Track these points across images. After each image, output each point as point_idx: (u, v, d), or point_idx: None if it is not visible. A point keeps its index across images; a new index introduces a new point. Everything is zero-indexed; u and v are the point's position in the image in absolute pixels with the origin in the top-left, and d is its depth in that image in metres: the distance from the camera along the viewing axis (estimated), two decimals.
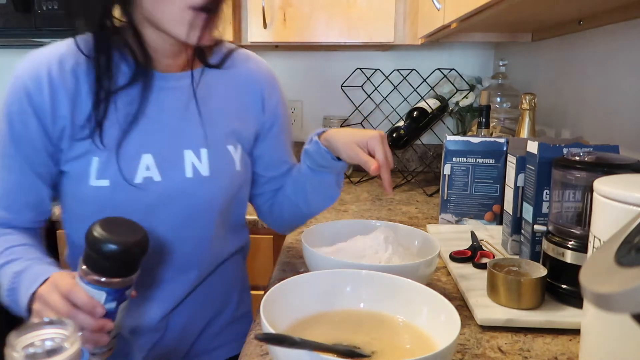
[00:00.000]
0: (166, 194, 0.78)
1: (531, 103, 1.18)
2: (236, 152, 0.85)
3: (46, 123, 0.74)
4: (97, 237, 0.60)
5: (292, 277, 0.66)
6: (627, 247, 0.37)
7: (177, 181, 0.79)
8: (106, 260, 0.61)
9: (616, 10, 1.07)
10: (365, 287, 0.68)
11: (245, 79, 0.88)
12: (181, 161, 0.79)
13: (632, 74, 1.05)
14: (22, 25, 1.68)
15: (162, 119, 0.79)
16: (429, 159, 1.96)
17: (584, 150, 0.81)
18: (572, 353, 0.67)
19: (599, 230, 0.56)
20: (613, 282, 0.32)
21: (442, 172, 1.20)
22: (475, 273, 0.90)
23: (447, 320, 0.59)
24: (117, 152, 0.75)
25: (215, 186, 0.82)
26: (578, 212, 0.77)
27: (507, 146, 1.15)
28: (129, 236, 0.62)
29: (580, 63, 1.29)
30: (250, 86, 0.89)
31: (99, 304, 0.62)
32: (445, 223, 1.21)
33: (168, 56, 0.79)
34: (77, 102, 0.75)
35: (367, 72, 1.88)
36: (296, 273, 0.95)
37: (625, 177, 0.59)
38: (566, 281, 0.76)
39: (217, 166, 0.82)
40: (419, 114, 1.65)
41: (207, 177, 0.81)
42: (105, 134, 0.75)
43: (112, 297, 0.63)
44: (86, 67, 0.75)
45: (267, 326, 0.54)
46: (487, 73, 2.02)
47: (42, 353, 0.34)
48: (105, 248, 0.60)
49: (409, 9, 1.66)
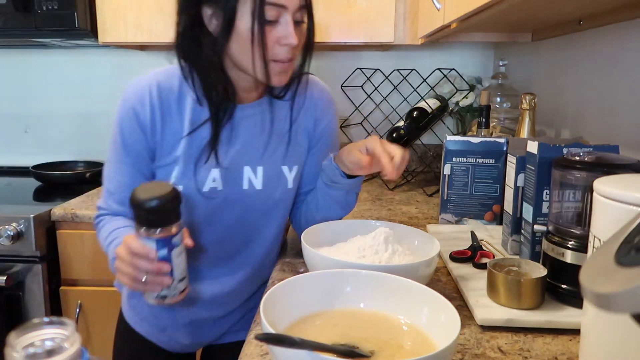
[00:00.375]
0: (226, 201, 0.94)
1: (531, 103, 1.18)
2: (290, 173, 0.98)
3: (147, 136, 0.91)
4: (138, 198, 0.74)
5: (292, 277, 0.66)
6: (627, 247, 0.37)
7: (234, 191, 0.94)
8: (149, 214, 0.74)
9: (616, 10, 1.07)
10: (365, 287, 0.68)
11: (306, 103, 1.00)
12: (240, 175, 0.94)
13: (632, 74, 1.05)
14: (22, 25, 1.69)
15: (231, 141, 0.94)
16: (429, 159, 1.96)
17: (584, 150, 0.81)
18: (572, 353, 0.67)
19: (599, 230, 0.56)
20: (613, 282, 0.32)
21: (442, 172, 1.20)
22: (475, 273, 0.90)
23: (447, 320, 0.59)
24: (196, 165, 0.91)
25: (265, 198, 0.96)
26: (578, 212, 0.77)
27: (507, 146, 1.15)
28: (162, 193, 0.75)
29: (581, 63, 1.29)
30: (309, 110, 1.01)
31: (151, 249, 0.74)
32: (445, 223, 1.21)
33: (244, 91, 0.94)
34: (168, 121, 0.91)
35: (367, 72, 1.88)
36: (296, 273, 0.95)
37: (625, 177, 0.59)
38: (566, 281, 0.76)
39: (269, 182, 0.96)
40: (419, 114, 1.65)
41: (259, 190, 0.95)
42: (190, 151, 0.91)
43: (161, 244, 0.75)
44: (178, 93, 0.92)
45: (267, 326, 0.54)
46: (487, 73, 2.02)
47: (42, 353, 0.34)
48: (145, 205, 0.73)
49: (409, 9, 1.66)
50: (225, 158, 0.92)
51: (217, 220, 0.95)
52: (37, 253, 1.50)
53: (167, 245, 0.75)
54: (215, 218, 0.94)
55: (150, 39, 1.72)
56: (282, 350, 0.51)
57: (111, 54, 2.13)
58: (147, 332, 1.05)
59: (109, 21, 1.72)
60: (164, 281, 0.77)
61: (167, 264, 0.76)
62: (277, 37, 0.84)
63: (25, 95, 2.19)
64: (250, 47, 0.83)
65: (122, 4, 1.70)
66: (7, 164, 2.21)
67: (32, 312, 1.54)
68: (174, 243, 0.76)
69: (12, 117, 2.21)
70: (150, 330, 1.04)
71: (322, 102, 1.02)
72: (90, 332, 1.60)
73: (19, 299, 1.53)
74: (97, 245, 1.54)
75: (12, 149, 2.23)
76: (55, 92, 2.18)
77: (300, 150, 1.00)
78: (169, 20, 1.77)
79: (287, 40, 0.84)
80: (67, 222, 1.54)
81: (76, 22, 1.67)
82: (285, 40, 0.84)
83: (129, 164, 0.92)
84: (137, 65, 2.14)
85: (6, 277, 1.46)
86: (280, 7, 0.83)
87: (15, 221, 1.47)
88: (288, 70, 0.89)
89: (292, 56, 0.87)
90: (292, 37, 0.84)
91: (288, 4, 0.83)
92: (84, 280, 1.58)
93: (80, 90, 2.17)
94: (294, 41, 0.84)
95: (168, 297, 0.79)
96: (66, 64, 2.16)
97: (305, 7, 0.87)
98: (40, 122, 2.20)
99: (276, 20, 0.83)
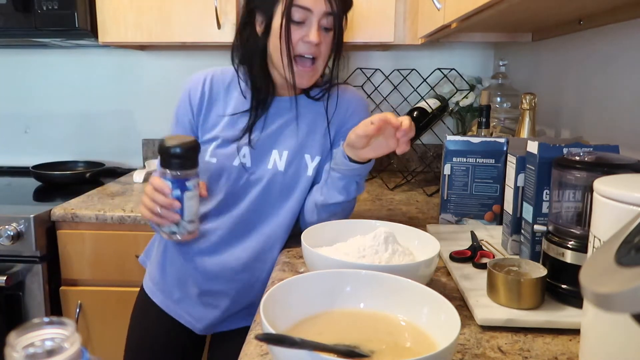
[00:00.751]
0: (251, 177, 1.07)
1: (531, 103, 1.18)
2: (312, 162, 1.09)
3: (194, 114, 1.09)
4: (162, 144, 0.90)
5: (292, 277, 0.66)
6: (627, 247, 0.37)
7: (260, 169, 1.07)
8: (169, 157, 0.89)
9: (616, 10, 1.07)
10: (365, 287, 0.68)
11: (337, 105, 1.11)
12: (267, 156, 1.07)
13: (633, 74, 1.05)
14: (22, 25, 1.68)
15: (265, 127, 1.08)
16: (429, 159, 1.96)
17: (584, 150, 0.81)
18: (572, 353, 0.67)
19: (599, 230, 0.56)
20: (613, 282, 0.32)
21: (442, 172, 1.20)
22: (475, 273, 0.90)
23: (447, 320, 0.59)
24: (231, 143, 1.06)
25: (285, 179, 1.07)
26: (578, 212, 0.77)
27: (507, 146, 1.15)
28: (183, 142, 0.90)
29: (581, 63, 1.29)
30: (340, 110, 1.11)
31: (167, 186, 0.90)
32: (445, 223, 1.21)
33: (282, 87, 1.08)
34: (214, 106, 1.08)
35: (367, 72, 1.88)
36: (296, 273, 0.95)
37: (625, 177, 0.59)
38: (566, 281, 0.76)
39: (291, 166, 1.07)
40: (419, 114, 1.65)
41: (281, 172, 1.07)
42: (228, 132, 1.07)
43: (175, 185, 0.90)
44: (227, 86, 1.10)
45: (267, 326, 0.54)
46: (487, 73, 2.02)
47: (42, 353, 0.34)
48: (167, 149, 0.89)
49: (409, 9, 1.66)
50: (257, 140, 1.06)
51: (241, 193, 1.07)
52: (37, 253, 1.50)
53: (181, 186, 0.90)
54: (240, 192, 1.07)
55: (150, 39, 1.72)
56: (282, 350, 0.51)
57: (111, 54, 2.13)
58: (162, 302, 1.14)
59: (109, 21, 1.72)
60: (174, 217, 0.91)
61: (177, 202, 0.90)
62: (302, 35, 0.98)
63: (25, 95, 2.19)
64: (279, 43, 0.98)
65: (122, 4, 1.70)
66: (7, 164, 2.21)
67: (32, 312, 1.54)
68: (187, 186, 0.91)
69: (12, 117, 2.21)
70: (165, 301, 1.13)
71: (353, 104, 1.13)
72: (90, 332, 1.60)
73: (19, 299, 1.53)
74: (97, 244, 1.55)
75: (12, 149, 2.23)
76: (55, 92, 2.18)
77: (325, 143, 1.10)
78: (169, 20, 1.80)
79: (308, 38, 0.97)
80: (67, 222, 1.54)
81: (76, 22, 1.67)
82: (307, 37, 0.98)
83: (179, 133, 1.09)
84: (137, 65, 2.14)
85: (6, 277, 1.46)
86: (306, 10, 0.97)
87: (15, 221, 1.47)
88: (310, 73, 1.02)
89: (314, 55, 1.00)
90: (313, 35, 0.97)
91: (313, 8, 0.97)
92: (84, 280, 1.58)
93: (80, 90, 2.17)
94: (314, 39, 0.97)
95: (177, 234, 0.94)
96: (66, 64, 2.16)
97: (332, 15, 0.99)
98: (40, 122, 2.20)
99: (303, 21, 0.98)
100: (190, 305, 1.12)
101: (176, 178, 0.90)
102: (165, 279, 1.13)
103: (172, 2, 1.70)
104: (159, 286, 1.15)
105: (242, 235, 1.09)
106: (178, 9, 1.70)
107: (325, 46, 1.01)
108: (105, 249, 1.55)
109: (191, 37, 1.72)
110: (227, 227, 1.08)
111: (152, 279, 1.17)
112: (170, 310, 1.13)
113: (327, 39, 1.01)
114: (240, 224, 1.08)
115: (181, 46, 1.95)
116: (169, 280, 1.13)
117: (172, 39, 1.72)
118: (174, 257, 1.12)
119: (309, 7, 0.96)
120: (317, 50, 1.00)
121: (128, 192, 1.74)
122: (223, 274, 1.09)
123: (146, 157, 2.18)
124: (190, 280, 1.10)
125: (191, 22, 1.71)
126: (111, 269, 1.56)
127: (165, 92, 2.14)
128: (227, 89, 1.09)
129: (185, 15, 1.70)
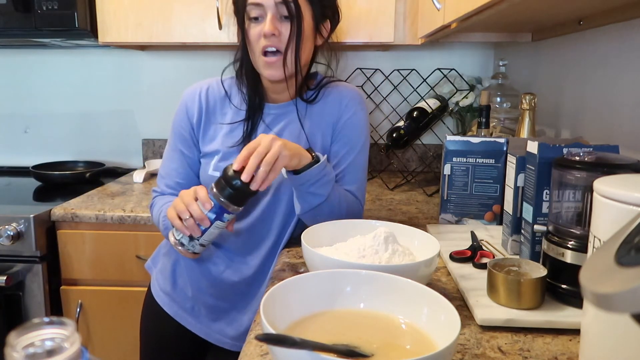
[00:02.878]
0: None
1: (531, 103, 1.18)
2: None
3: (192, 126, 1.09)
4: (229, 172, 0.89)
5: (292, 277, 0.66)
6: (627, 247, 0.37)
7: None
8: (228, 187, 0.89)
9: (616, 10, 1.07)
10: (365, 287, 0.68)
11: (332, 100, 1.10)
12: None
13: (632, 74, 1.05)
14: (22, 25, 1.68)
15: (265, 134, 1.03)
16: (429, 159, 1.96)
17: (584, 150, 0.81)
18: (572, 353, 0.67)
19: (599, 230, 0.56)
20: (613, 282, 0.32)
21: (442, 172, 1.20)
22: (475, 273, 0.90)
23: (447, 320, 0.59)
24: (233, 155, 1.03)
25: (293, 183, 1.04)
26: (578, 212, 0.77)
27: (507, 146, 1.15)
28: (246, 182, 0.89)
29: (580, 63, 1.29)
30: (335, 105, 1.10)
31: (210, 204, 0.90)
32: (445, 223, 1.21)
33: (274, 92, 1.09)
34: (212, 118, 1.09)
35: (367, 72, 1.88)
36: (296, 273, 0.95)
37: (625, 177, 0.59)
38: (566, 281, 0.76)
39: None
40: (419, 114, 1.65)
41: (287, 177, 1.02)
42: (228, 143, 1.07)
43: (215, 209, 0.91)
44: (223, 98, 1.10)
45: (267, 326, 0.54)
46: (487, 73, 2.02)
47: (42, 353, 0.34)
48: (230, 179, 0.89)
49: (409, 9, 1.66)
50: None
51: (250, 204, 1.06)
52: (37, 253, 1.50)
53: (219, 213, 0.91)
54: (251, 202, 1.04)
55: (150, 39, 1.72)
56: (282, 351, 0.51)
57: (111, 54, 2.13)
58: (175, 314, 1.13)
59: (109, 21, 1.72)
60: (195, 232, 0.91)
61: (207, 221, 0.91)
62: (260, 30, 0.98)
63: (25, 95, 2.19)
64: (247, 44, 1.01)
65: (122, 4, 1.70)
66: (7, 164, 2.21)
67: (32, 312, 1.54)
68: (224, 217, 0.92)
69: (12, 117, 2.21)
70: (179, 311, 1.13)
71: (347, 98, 1.11)
72: (91, 332, 1.60)
73: (19, 299, 1.53)
74: (97, 244, 1.55)
75: (12, 149, 2.23)
76: (55, 92, 2.18)
77: (325, 144, 1.10)
78: (169, 21, 1.80)
79: (264, 30, 0.97)
80: (67, 222, 1.54)
81: (76, 22, 1.67)
82: (263, 30, 0.97)
83: (178, 151, 1.10)
84: (137, 65, 2.14)
85: (6, 277, 1.46)
86: (258, 6, 0.97)
87: (15, 221, 1.47)
88: (278, 64, 1.00)
89: (276, 47, 0.99)
90: (267, 27, 0.97)
91: (264, 2, 0.96)
92: (85, 280, 1.58)
93: (80, 90, 2.17)
94: (267, 29, 0.96)
95: (184, 247, 0.94)
96: (66, 64, 2.16)
97: (286, 3, 0.96)
98: (40, 122, 2.20)
99: (260, 17, 0.98)
100: (203, 315, 1.12)
101: (221, 205, 0.90)
102: (176, 291, 1.13)
103: (172, 2, 1.70)
104: (170, 297, 1.14)
105: (254, 245, 1.09)
106: (178, 9, 1.70)
107: (287, 35, 0.99)
108: (105, 249, 1.55)
109: (192, 38, 1.72)
110: (238, 238, 1.08)
111: (162, 288, 1.16)
112: (185, 322, 1.13)
113: (286, 27, 0.98)
114: (251, 233, 1.08)
115: (181, 46, 1.96)
116: (181, 292, 1.13)
117: (172, 39, 1.72)
118: (184, 269, 1.12)
119: (260, 2, 0.97)
120: (278, 41, 0.99)
121: (128, 192, 1.74)
122: (235, 285, 1.09)
123: (146, 157, 2.18)
124: (202, 292, 1.11)
125: (192, 22, 1.70)
126: (111, 268, 1.56)
127: (166, 92, 2.14)
128: (223, 100, 1.10)
129: (186, 15, 1.70)
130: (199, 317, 1.12)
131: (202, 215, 0.90)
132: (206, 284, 1.10)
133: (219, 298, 1.11)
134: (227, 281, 1.09)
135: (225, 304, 1.11)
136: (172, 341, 1.15)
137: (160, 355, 1.18)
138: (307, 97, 1.10)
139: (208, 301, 1.11)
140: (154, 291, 1.17)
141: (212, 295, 1.11)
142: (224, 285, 1.10)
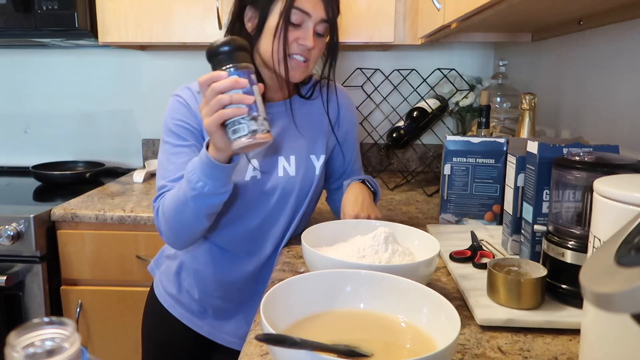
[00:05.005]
0: (265, 187, 1.06)
1: (531, 103, 1.18)
2: (318, 161, 1.11)
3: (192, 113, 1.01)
4: (216, 44, 0.82)
5: (292, 277, 0.66)
6: (627, 247, 0.37)
7: (272, 178, 1.06)
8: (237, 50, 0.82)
9: (616, 10, 1.07)
10: (365, 287, 0.68)
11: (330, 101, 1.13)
12: (275, 164, 1.07)
13: (632, 74, 1.05)
14: (22, 25, 1.68)
15: None
16: (429, 159, 1.96)
17: (584, 150, 0.81)
18: (572, 353, 0.67)
19: (599, 230, 0.56)
20: (613, 282, 0.32)
21: (442, 172, 1.20)
22: (475, 273, 0.90)
23: (447, 320, 0.59)
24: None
25: (299, 183, 1.08)
26: (578, 212, 0.77)
27: (507, 146, 1.15)
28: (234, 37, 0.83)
29: (580, 63, 1.29)
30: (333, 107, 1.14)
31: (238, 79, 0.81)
32: (445, 223, 1.21)
33: (272, 90, 1.07)
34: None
35: (367, 72, 1.88)
36: (296, 273, 0.95)
37: (625, 177, 0.59)
38: (566, 281, 0.76)
39: (301, 169, 1.09)
40: (419, 114, 1.65)
41: (294, 177, 1.08)
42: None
43: (245, 75, 0.81)
44: None
45: (267, 326, 0.54)
46: (487, 73, 2.02)
47: (42, 353, 0.34)
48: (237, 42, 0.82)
49: (409, 9, 1.66)
50: (261, 150, 1.05)
51: (258, 205, 1.06)
52: (37, 253, 1.50)
53: (249, 77, 0.82)
54: (256, 204, 1.06)
55: (150, 39, 1.72)
56: (282, 351, 0.51)
57: (111, 54, 2.13)
58: (181, 315, 1.12)
59: (109, 21, 1.72)
60: (245, 99, 0.81)
61: (244, 81, 0.81)
62: (297, 36, 0.98)
63: (25, 95, 2.19)
64: (272, 41, 0.97)
65: (122, 4, 1.70)
66: (7, 164, 2.21)
67: (32, 312, 1.54)
68: (252, 79, 0.83)
69: (12, 117, 2.21)
70: (185, 313, 1.12)
71: (344, 100, 1.17)
72: (90, 332, 1.60)
73: (19, 299, 1.53)
74: (97, 244, 1.55)
75: (12, 149, 2.22)
76: (55, 92, 2.18)
77: (325, 141, 1.12)
78: (169, 21, 1.79)
79: (304, 41, 0.98)
80: (67, 222, 1.54)
81: (76, 22, 1.67)
82: (302, 40, 0.98)
83: (182, 146, 1.02)
84: (137, 65, 2.14)
85: (6, 277, 1.46)
86: (305, 14, 0.97)
87: (15, 221, 1.47)
88: (303, 69, 1.01)
89: (306, 57, 1.00)
90: (309, 39, 0.98)
91: (312, 13, 0.97)
92: (85, 280, 1.58)
93: (80, 90, 2.17)
94: (309, 43, 0.98)
95: (258, 132, 0.82)
96: (66, 64, 2.16)
97: (327, 23, 1.00)
98: (40, 122, 2.20)
99: (300, 24, 0.98)
100: (211, 317, 1.12)
101: (244, 69, 0.82)
102: (182, 293, 1.12)
103: (172, 2, 1.70)
104: (176, 299, 1.13)
105: (260, 244, 1.09)
106: (178, 9, 1.70)
107: (317, 51, 1.02)
108: (105, 249, 1.55)
109: (192, 38, 1.72)
110: (245, 239, 1.08)
111: (166, 291, 1.14)
112: (192, 324, 1.12)
113: (320, 44, 1.02)
114: (258, 233, 1.08)
115: (181, 46, 1.95)
116: (187, 295, 1.12)
117: (172, 39, 1.72)
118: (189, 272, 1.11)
119: (308, 12, 0.97)
120: (309, 54, 1.01)
121: (128, 192, 1.74)
122: (242, 284, 1.10)
123: (146, 157, 2.18)
124: (209, 294, 1.10)
125: (192, 22, 1.70)
126: (111, 268, 1.56)
127: (166, 92, 2.11)
128: None
129: (186, 15, 1.70)
130: (206, 319, 1.12)
131: (232, 79, 0.81)
132: (212, 285, 1.09)
133: (226, 299, 1.11)
134: (233, 282, 1.09)
135: (232, 305, 1.11)
136: (176, 342, 1.15)
137: (164, 356, 1.18)
138: (304, 93, 1.12)
139: (215, 303, 1.11)
140: (158, 293, 1.16)
141: (219, 297, 1.10)
142: (230, 286, 1.09)
